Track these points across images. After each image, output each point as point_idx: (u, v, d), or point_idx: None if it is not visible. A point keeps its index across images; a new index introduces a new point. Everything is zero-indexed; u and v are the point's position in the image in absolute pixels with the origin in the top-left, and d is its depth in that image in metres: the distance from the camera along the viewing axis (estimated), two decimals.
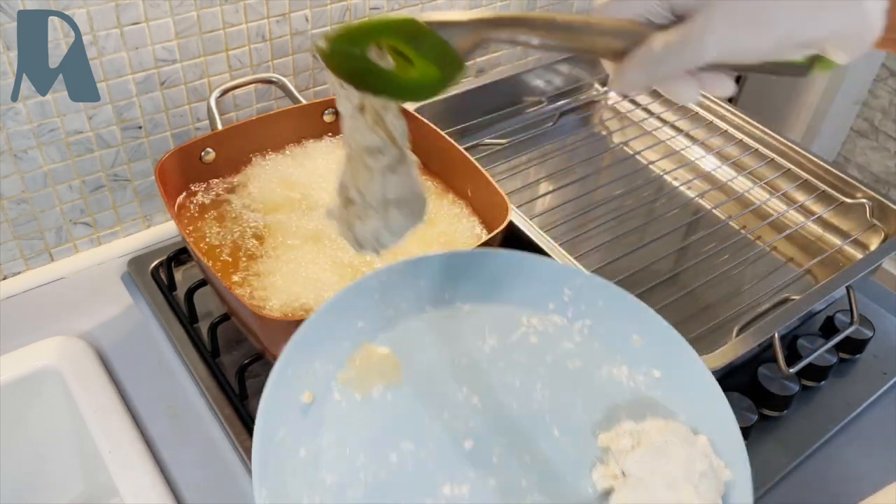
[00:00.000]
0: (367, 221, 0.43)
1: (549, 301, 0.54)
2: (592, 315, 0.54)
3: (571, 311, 0.54)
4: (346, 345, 0.50)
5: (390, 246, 0.46)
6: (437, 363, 0.51)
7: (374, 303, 0.52)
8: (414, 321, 0.53)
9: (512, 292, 0.54)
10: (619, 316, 0.53)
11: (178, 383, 0.71)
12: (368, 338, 0.51)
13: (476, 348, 0.52)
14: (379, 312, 0.52)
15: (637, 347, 0.52)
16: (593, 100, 1.04)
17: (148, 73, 0.75)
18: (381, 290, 0.52)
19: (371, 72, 0.37)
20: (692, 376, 0.50)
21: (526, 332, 0.53)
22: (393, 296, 0.53)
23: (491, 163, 0.89)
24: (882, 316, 0.82)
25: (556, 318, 0.54)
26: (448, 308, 0.54)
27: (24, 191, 0.74)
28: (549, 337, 0.53)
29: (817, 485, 0.67)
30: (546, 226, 0.81)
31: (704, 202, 0.89)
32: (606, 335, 0.53)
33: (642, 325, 0.52)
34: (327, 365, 0.49)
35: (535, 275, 0.55)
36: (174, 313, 0.76)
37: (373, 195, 0.42)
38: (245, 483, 0.64)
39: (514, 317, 0.54)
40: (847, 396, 0.74)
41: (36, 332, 0.73)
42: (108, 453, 0.64)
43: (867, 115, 1.65)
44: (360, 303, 0.51)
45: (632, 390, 0.51)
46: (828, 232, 0.85)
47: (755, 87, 1.65)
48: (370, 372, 0.50)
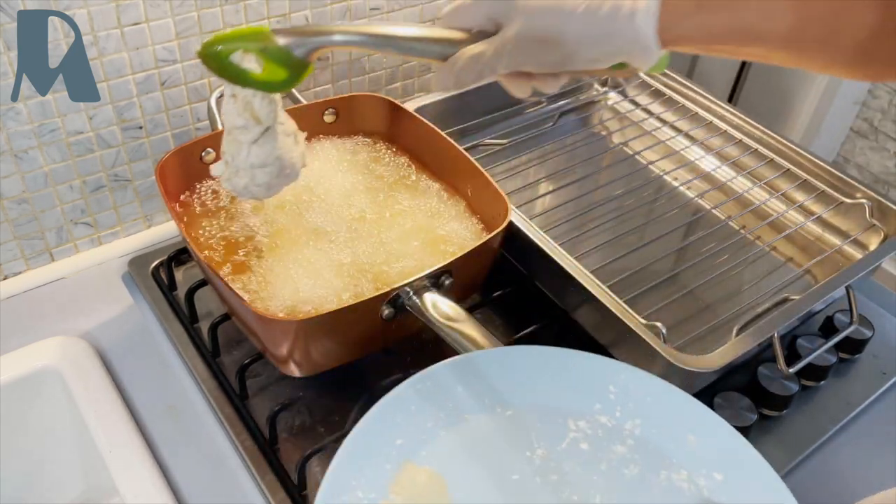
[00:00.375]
0: (238, 179, 0.54)
1: (594, 400, 0.52)
2: (642, 413, 0.51)
3: (619, 411, 0.51)
4: (388, 468, 0.47)
5: (263, 197, 0.55)
6: (486, 481, 0.48)
7: (410, 416, 0.49)
8: (455, 432, 0.50)
9: (554, 392, 0.52)
10: (670, 413, 0.51)
11: (178, 383, 0.71)
12: (409, 455, 0.48)
13: (525, 460, 0.49)
14: (417, 426, 0.49)
15: (693, 448, 0.50)
16: (593, 100, 1.04)
17: (148, 74, 0.75)
18: (418, 400, 0.50)
19: (233, 70, 0.47)
20: (756, 477, 0.48)
21: (575, 438, 0.50)
22: (430, 406, 0.50)
23: (491, 163, 0.89)
24: (881, 316, 0.82)
25: (604, 420, 0.51)
26: (489, 414, 0.51)
27: (24, 191, 0.74)
28: (600, 441, 0.50)
29: (817, 484, 0.67)
30: (546, 226, 0.81)
31: (704, 202, 0.89)
32: (659, 435, 0.50)
33: (695, 422, 0.50)
34: (370, 493, 0.46)
35: (576, 371, 0.52)
36: (174, 313, 0.76)
37: (241, 160, 0.53)
38: (245, 483, 0.64)
39: (561, 420, 0.51)
40: (847, 396, 0.74)
41: (36, 332, 0.73)
42: (108, 453, 0.64)
43: (867, 116, 1.65)
44: (396, 418, 0.49)
45: (695, 496, 0.48)
46: (827, 232, 0.85)
47: (755, 87, 1.65)
48: (417, 498, 0.46)
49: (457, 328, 0.60)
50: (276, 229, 0.71)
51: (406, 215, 0.74)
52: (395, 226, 0.72)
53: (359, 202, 0.75)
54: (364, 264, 0.68)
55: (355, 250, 0.70)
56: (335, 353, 0.66)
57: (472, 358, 0.52)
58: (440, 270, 0.63)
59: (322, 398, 0.70)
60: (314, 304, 0.64)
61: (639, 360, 0.66)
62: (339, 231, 0.71)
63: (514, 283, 0.77)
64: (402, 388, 0.50)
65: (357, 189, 0.76)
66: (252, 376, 0.71)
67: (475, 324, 0.60)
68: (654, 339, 0.64)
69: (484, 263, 0.71)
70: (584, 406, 0.52)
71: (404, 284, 0.61)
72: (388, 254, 0.70)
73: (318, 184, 0.76)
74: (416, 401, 0.50)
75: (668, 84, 1.00)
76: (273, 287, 0.65)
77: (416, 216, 0.74)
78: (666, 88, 1.00)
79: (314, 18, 0.83)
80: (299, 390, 0.70)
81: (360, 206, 0.74)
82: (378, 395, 0.71)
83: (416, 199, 0.76)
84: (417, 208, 0.75)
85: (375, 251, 0.70)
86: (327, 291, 0.65)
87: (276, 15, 0.80)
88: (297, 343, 0.62)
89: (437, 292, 0.63)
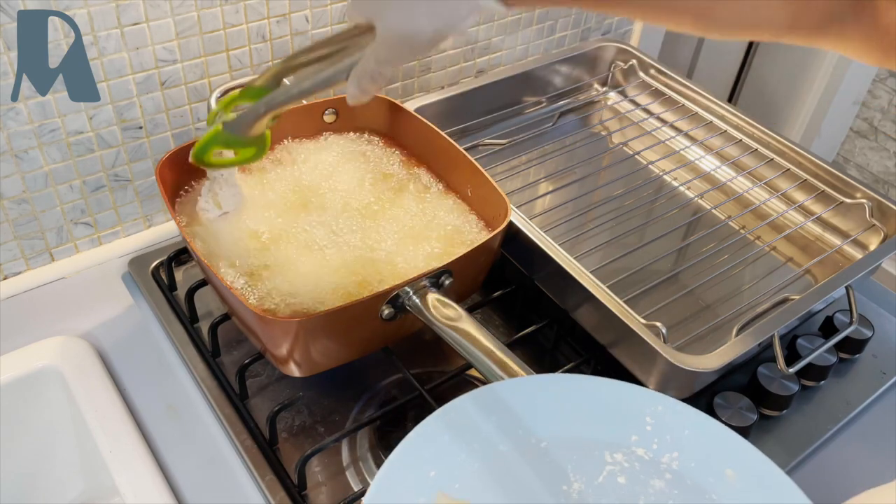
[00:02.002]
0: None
1: (631, 432, 0.51)
2: (679, 446, 0.50)
3: (657, 443, 0.50)
4: (421, 501, 0.46)
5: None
6: None
7: (443, 447, 0.48)
8: (490, 463, 0.48)
9: (589, 423, 0.51)
10: (707, 446, 0.49)
11: (178, 383, 0.71)
12: (443, 488, 0.47)
13: (562, 494, 0.48)
14: (450, 457, 0.48)
15: (732, 483, 0.48)
16: (593, 100, 1.04)
17: (148, 74, 0.75)
18: (450, 431, 0.49)
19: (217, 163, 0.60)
20: None
21: (612, 472, 0.49)
22: (461, 437, 0.49)
23: (491, 163, 0.89)
24: (881, 316, 0.82)
25: (640, 452, 0.50)
26: (524, 445, 0.49)
27: (24, 191, 0.74)
28: (637, 475, 0.49)
29: (817, 484, 0.67)
30: (546, 226, 0.81)
31: (704, 202, 0.89)
32: (697, 470, 0.49)
33: (734, 456, 0.49)
34: None
35: (612, 401, 0.51)
36: (174, 313, 0.76)
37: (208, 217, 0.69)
38: (245, 483, 0.64)
39: (597, 453, 0.49)
40: (846, 396, 0.74)
41: (36, 332, 0.73)
42: (108, 453, 0.64)
43: (866, 116, 1.65)
44: (428, 450, 0.47)
45: None
46: (827, 232, 0.86)
47: (755, 87, 1.66)
48: None
49: (457, 328, 0.60)
50: (275, 229, 0.71)
51: (406, 215, 0.74)
52: (394, 226, 0.72)
53: (359, 202, 0.75)
54: (364, 264, 0.68)
55: (355, 250, 0.70)
56: (335, 353, 0.66)
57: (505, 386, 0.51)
58: (440, 270, 0.63)
59: (322, 398, 0.70)
60: (314, 303, 0.64)
61: (639, 359, 0.67)
62: (339, 231, 0.71)
63: (514, 283, 0.77)
64: (431, 420, 0.49)
65: (357, 189, 0.76)
66: (252, 376, 0.71)
67: (475, 324, 0.60)
68: (654, 339, 0.64)
69: (484, 263, 0.71)
70: (620, 437, 0.50)
71: (404, 284, 0.61)
72: (387, 254, 0.70)
73: (318, 184, 0.76)
74: (448, 432, 0.49)
75: (668, 84, 1.00)
76: (273, 287, 0.65)
77: (416, 216, 0.74)
78: (666, 88, 1.00)
79: (314, 18, 0.83)
80: (299, 390, 0.70)
81: (360, 206, 0.74)
82: (378, 395, 0.71)
83: (415, 199, 0.76)
84: (417, 208, 0.75)
85: (375, 251, 0.70)
86: (327, 291, 0.65)
87: (277, 15, 0.80)
88: (297, 343, 0.62)
89: (437, 292, 0.63)
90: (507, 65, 1.06)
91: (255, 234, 0.70)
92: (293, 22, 0.82)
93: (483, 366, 0.57)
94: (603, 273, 0.72)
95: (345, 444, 0.67)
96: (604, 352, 0.70)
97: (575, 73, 1.03)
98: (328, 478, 0.65)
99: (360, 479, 0.65)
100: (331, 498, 0.63)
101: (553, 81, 1.01)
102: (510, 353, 0.57)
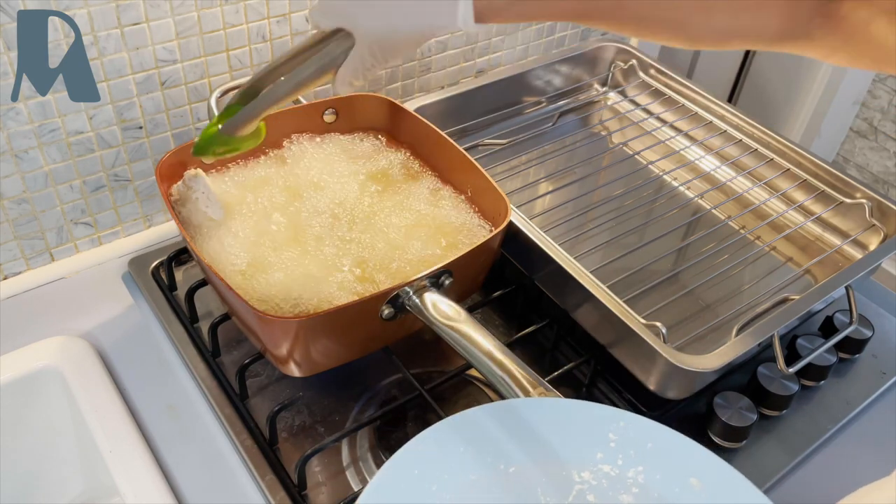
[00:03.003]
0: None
1: (596, 450, 0.51)
2: (643, 460, 0.51)
3: (622, 459, 0.51)
4: None
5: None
6: None
7: (415, 480, 0.48)
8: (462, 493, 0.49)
9: (555, 444, 0.51)
10: (671, 457, 0.51)
11: (178, 383, 0.71)
12: None
13: None
14: (422, 490, 0.48)
15: (698, 491, 0.49)
16: (593, 100, 1.04)
17: (148, 74, 0.75)
18: (420, 464, 0.49)
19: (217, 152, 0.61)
20: None
21: (581, 490, 0.50)
22: (434, 468, 0.49)
23: (491, 163, 0.89)
24: (881, 316, 0.82)
25: (607, 469, 0.51)
26: (493, 472, 0.50)
27: (24, 191, 0.74)
28: (606, 492, 0.50)
29: (816, 484, 0.67)
30: (546, 226, 0.81)
31: (704, 202, 0.89)
32: (663, 481, 0.50)
33: (697, 466, 0.50)
34: None
35: (575, 421, 0.52)
36: (175, 313, 0.76)
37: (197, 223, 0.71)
38: (245, 483, 0.64)
39: (565, 473, 0.50)
40: (846, 396, 0.74)
41: (36, 332, 0.73)
42: (108, 453, 0.64)
43: (866, 116, 1.65)
44: (400, 484, 0.48)
45: None
46: (827, 232, 0.86)
47: (755, 87, 1.66)
48: None
49: (457, 328, 0.60)
50: (276, 228, 0.71)
51: (406, 215, 0.74)
52: (394, 226, 0.72)
53: (359, 202, 0.75)
54: (364, 264, 0.68)
55: (355, 250, 0.70)
56: (335, 353, 0.66)
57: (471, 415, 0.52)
58: (440, 270, 0.63)
59: (322, 398, 0.70)
60: (314, 303, 0.64)
61: (639, 360, 0.67)
62: (339, 231, 0.71)
63: (514, 283, 0.78)
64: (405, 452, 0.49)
65: (357, 189, 0.76)
66: (252, 376, 0.71)
67: (475, 324, 0.60)
68: (654, 339, 0.64)
69: (484, 263, 0.71)
70: (585, 456, 0.51)
71: (404, 284, 0.61)
72: (387, 254, 0.70)
73: (318, 183, 0.76)
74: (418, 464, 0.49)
75: (668, 84, 1.00)
76: (273, 287, 0.65)
77: (416, 216, 0.74)
78: (666, 88, 1.00)
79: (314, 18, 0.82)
80: (299, 390, 0.70)
81: (360, 206, 0.74)
82: (378, 395, 0.71)
83: (415, 198, 0.76)
84: (417, 208, 0.75)
85: (375, 251, 0.70)
86: (327, 291, 0.65)
87: (277, 15, 0.80)
88: (297, 343, 0.62)
89: (437, 292, 0.63)
90: (507, 65, 1.06)
91: (255, 233, 0.70)
92: (293, 22, 0.82)
93: (483, 366, 0.57)
94: (603, 273, 0.72)
95: (345, 444, 0.67)
96: (604, 352, 0.70)
97: (575, 73, 1.03)
98: (328, 478, 0.65)
99: (360, 478, 0.65)
100: (331, 498, 0.63)
101: (553, 81, 1.01)
102: (510, 354, 0.57)
